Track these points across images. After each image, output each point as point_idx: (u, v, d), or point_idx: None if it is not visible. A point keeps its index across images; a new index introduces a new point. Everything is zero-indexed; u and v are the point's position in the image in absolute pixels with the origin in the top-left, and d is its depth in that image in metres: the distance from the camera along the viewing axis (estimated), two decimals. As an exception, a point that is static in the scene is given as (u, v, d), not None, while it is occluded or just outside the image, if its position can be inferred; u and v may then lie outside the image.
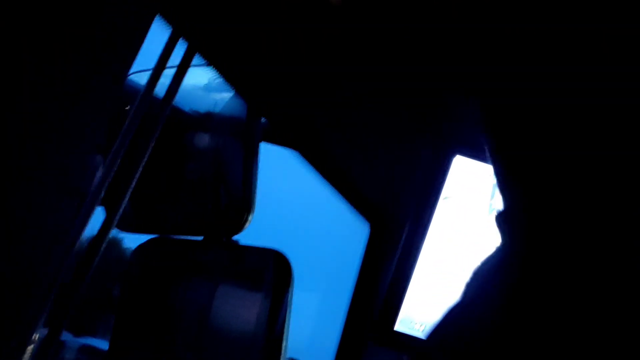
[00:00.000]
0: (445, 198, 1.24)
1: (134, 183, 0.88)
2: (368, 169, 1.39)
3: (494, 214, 0.60)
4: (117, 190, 0.85)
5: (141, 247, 1.34)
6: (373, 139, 1.36)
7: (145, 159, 0.88)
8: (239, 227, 1.32)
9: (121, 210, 0.86)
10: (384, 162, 1.40)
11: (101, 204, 0.79)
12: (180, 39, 0.83)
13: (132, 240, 1.41)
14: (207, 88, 1.39)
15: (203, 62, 0.96)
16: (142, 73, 0.98)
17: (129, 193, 0.87)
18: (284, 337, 1.20)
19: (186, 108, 1.38)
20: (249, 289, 1.25)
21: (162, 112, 0.86)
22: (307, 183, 1.46)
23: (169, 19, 0.78)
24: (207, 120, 1.40)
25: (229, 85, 1.16)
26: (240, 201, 1.33)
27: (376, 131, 1.35)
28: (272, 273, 1.22)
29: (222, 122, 1.38)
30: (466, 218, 1.24)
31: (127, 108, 0.84)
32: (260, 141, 1.38)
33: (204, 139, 1.41)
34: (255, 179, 1.35)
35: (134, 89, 0.90)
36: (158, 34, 0.80)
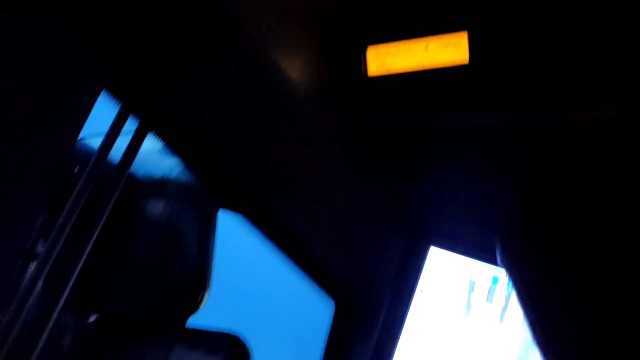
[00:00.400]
0: (422, 291, 1.17)
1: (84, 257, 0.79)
2: (331, 244, 1.30)
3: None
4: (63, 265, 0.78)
5: (81, 328, 1.19)
6: (337, 214, 1.27)
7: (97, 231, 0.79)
8: (193, 307, 1.21)
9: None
10: (350, 239, 1.31)
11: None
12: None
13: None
14: (163, 152, 1.29)
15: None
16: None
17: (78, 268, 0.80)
18: None
19: (139, 173, 1.28)
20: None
21: (116, 182, 0.76)
22: (263, 255, 1.34)
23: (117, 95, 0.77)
24: (160, 186, 1.30)
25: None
26: (195, 277, 1.22)
27: (339, 206, 1.26)
28: (229, 361, 1.09)
29: (177, 188, 1.28)
30: (443, 313, 1.15)
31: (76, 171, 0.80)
32: (218, 209, 1.28)
33: (156, 207, 1.31)
34: (212, 252, 1.25)
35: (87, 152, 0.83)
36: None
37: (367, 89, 0.91)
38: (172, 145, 0.99)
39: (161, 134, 0.98)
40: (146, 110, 0.81)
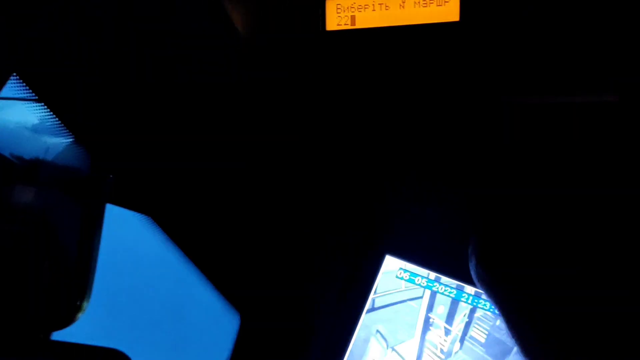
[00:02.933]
0: (373, 305, 1.01)
1: None
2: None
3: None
4: None
5: None
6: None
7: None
8: (68, 319, 1.01)
9: None
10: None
11: None
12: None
13: None
14: (37, 129, 1.08)
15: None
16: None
17: None
18: None
19: (5, 151, 1.04)
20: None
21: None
22: (162, 259, 1.16)
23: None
24: (32, 170, 1.07)
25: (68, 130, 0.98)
26: (71, 283, 1.02)
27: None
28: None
29: (54, 174, 1.07)
30: (398, 330, 1.01)
31: None
32: (106, 203, 1.09)
33: (25, 195, 1.09)
34: (96, 254, 1.05)
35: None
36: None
37: (325, 45, 0.75)
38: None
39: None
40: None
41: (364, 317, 1.01)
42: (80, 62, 0.79)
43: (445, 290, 0.98)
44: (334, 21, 0.74)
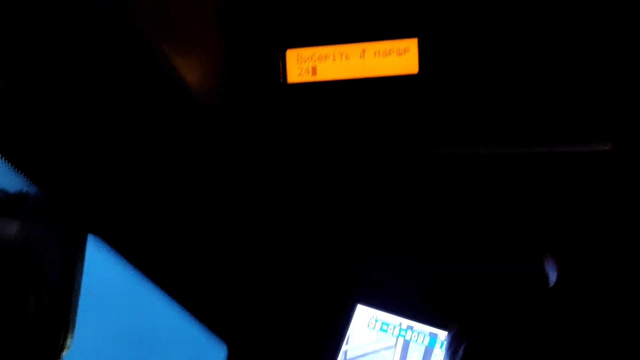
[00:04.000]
0: (345, 352, 0.99)
1: None
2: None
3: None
4: None
5: None
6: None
7: None
8: (53, 357, 1.00)
9: None
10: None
11: None
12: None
13: None
14: None
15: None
16: None
17: None
18: None
19: None
20: None
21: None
22: (143, 294, 1.16)
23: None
24: (16, 202, 1.07)
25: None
26: (56, 317, 0.98)
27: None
28: None
29: (38, 206, 1.05)
30: None
31: None
32: (88, 233, 1.08)
33: (9, 227, 1.09)
34: (79, 285, 1.04)
35: None
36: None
37: (286, 98, 0.73)
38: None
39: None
40: None
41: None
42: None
43: (418, 338, 0.96)
44: (295, 72, 0.73)
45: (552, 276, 0.78)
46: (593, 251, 0.76)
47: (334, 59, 0.71)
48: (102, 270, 1.10)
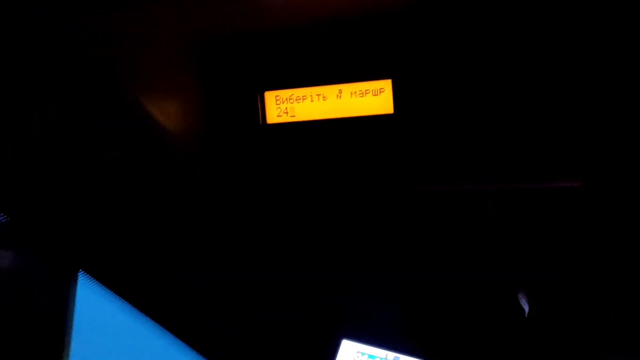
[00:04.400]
0: None
1: None
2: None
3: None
4: None
5: None
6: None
7: None
8: None
9: None
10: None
11: None
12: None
13: None
14: None
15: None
16: None
17: None
18: None
19: None
20: None
21: None
22: (134, 331, 1.16)
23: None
24: (7, 231, 1.07)
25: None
26: (48, 354, 0.99)
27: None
28: None
29: (29, 237, 1.02)
30: None
31: None
32: (78, 271, 1.09)
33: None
34: (71, 320, 1.05)
35: None
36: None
37: (265, 138, 0.74)
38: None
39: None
40: None
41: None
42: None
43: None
44: (274, 113, 0.74)
45: (526, 308, 0.79)
46: (562, 287, 0.77)
47: (311, 100, 0.73)
48: (93, 306, 1.11)
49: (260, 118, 0.74)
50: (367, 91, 0.71)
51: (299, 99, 0.73)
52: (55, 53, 0.66)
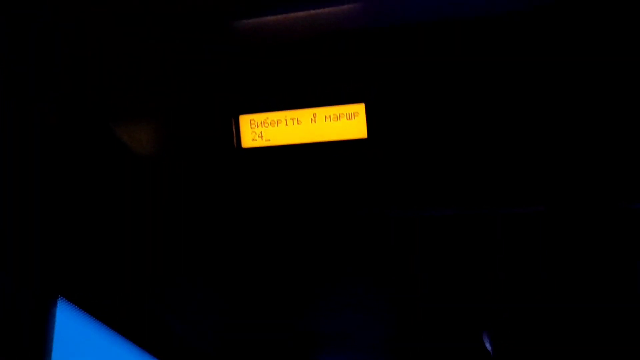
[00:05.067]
0: None
1: None
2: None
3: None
4: None
5: None
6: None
7: None
8: None
9: None
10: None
11: None
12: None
13: None
14: None
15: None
16: None
17: None
18: None
19: None
20: None
21: None
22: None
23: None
24: None
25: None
26: None
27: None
28: None
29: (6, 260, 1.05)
30: None
31: None
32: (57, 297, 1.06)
33: None
34: (50, 347, 1.02)
35: None
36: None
37: (240, 163, 0.74)
38: None
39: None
40: None
41: None
42: None
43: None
44: (249, 137, 0.73)
45: (490, 350, 0.78)
46: (525, 327, 0.77)
47: (286, 124, 0.72)
48: (73, 333, 1.09)
49: (235, 142, 0.73)
50: (342, 115, 0.71)
51: (274, 123, 0.73)
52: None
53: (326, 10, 0.62)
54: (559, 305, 0.80)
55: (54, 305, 1.05)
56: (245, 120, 0.73)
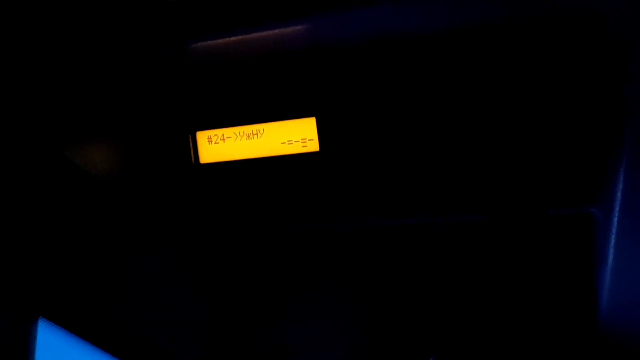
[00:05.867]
0: None
1: None
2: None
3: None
4: None
5: None
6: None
7: None
8: None
9: None
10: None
11: None
12: None
13: None
14: None
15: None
16: None
17: None
18: None
19: None
20: None
21: None
22: None
23: None
24: None
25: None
26: None
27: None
28: None
29: None
30: None
31: None
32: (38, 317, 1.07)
33: None
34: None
35: None
36: None
37: (199, 178, 0.76)
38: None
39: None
40: None
41: None
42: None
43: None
44: (206, 152, 0.76)
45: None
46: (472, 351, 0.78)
47: (241, 139, 0.75)
48: (53, 353, 1.09)
49: (193, 158, 0.76)
50: (294, 129, 0.74)
51: (230, 138, 0.76)
52: None
53: (275, 31, 0.66)
54: (505, 328, 0.82)
55: (35, 325, 1.07)
56: (202, 137, 0.76)
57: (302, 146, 0.73)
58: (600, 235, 0.70)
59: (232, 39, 0.66)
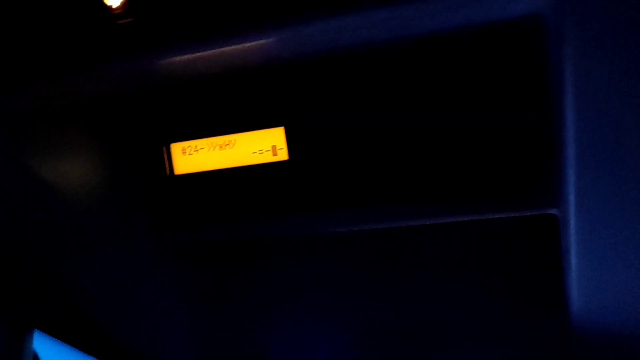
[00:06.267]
0: None
1: None
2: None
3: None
4: None
5: None
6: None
7: None
8: None
9: None
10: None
11: None
12: None
13: None
14: None
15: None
16: None
17: None
18: None
19: None
20: None
21: None
22: None
23: None
24: None
25: None
26: None
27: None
28: None
29: None
30: None
31: None
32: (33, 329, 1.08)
33: None
34: None
35: None
36: None
37: (173, 189, 0.79)
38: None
39: None
40: None
41: None
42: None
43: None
44: (181, 163, 0.79)
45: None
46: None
47: (213, 150, 0.78)
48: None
49: (168, 169, 0.79)
50: (263, 139, 0.76)
51: (203, 149, 0.78)
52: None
53: (243, 45, 0.68)
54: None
55: (30, 337, 1.08)
56: (176, 148, 0.79)
57: (273, 155, 0.76)
58: (563, 236, 0.71)
59: (199, 54, 0.68)
